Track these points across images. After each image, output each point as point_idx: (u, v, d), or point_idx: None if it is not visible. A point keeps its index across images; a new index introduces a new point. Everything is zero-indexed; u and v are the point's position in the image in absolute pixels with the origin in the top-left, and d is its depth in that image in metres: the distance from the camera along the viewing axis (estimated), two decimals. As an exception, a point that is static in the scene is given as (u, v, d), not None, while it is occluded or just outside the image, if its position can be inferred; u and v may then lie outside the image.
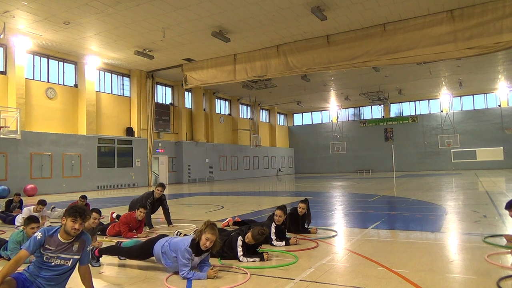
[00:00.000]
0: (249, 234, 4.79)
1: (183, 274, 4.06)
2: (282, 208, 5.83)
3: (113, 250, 4.71)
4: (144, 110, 25.36)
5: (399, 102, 40.14)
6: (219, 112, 34.29)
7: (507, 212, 5.62)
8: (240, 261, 4.69)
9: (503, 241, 5.46)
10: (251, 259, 4.71)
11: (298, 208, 6.56)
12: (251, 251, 4.86)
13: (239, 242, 4.78)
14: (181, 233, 5.97)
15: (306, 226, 6.67)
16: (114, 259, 4.88)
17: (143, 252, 4.37)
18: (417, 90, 34.87)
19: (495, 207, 9.40)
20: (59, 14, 15.45)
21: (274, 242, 5.59)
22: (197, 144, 30.20)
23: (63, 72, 21.56)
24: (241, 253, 4.74)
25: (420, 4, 15.06)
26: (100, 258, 4.72)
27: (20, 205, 10.42)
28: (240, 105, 36.87)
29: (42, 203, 7.90)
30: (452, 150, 36.35)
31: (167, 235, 4.73)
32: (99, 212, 5.98)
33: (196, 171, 29.94)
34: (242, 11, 15.55)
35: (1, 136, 16.49)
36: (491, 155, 34.97)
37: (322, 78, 28.52)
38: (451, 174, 28.62)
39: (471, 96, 37.21)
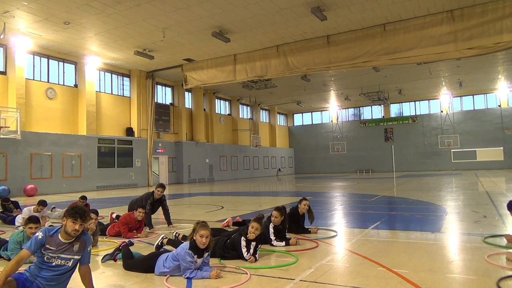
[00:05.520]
0: (250, 229, 4.79)
1: (186, 275, 4.08)
2: (280, 209, 5.76)
3: (126, 256, 4.71)
4: (144, 110, 25.36)
5: (399, 102, 40.14)
6: (219, 112, 34.29)
7: (507, 212, 5.62)
8: (246, 259, 4.71)
9: (503, 241, 5.46)
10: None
11: (300, 206, 6.57)
12: (253, 249, 4.87)
13: (243, 243, 4.79)
14: (179, 234, 5.98)
15: (306, 227, 6.64)
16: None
17: (144, 266, 4.38)
18: (417, 90, 34.88)
19: (495, 207, 9.40)
20: (59, 14, 15.45)
21: (274, 243, 5.58)
22: (197, 144, 30.20)
23: (63, 72, 21.56)
24: (246, 253, 4.76)
25: (420, 4, 15.06)
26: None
27: (17, 206, 10.37)
28: (240, 105, 36.87)
29: (43, 203, 7.83)
30: (452, 150, 36.36)
31: (168, 250, 4.76)
32: (96, 213, 5.99)
33: (196, 171, 29.93)
34: (242, 11, 15.55)
35: (1, 136, 16.50)
36: (491, 155, 34.97)
37: (322, 78, 28.52)
38: (451, 175, 28.62)
39: (471, 96, 37.20)
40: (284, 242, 5.60)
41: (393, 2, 14.98)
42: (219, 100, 34.43)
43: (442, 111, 38.17)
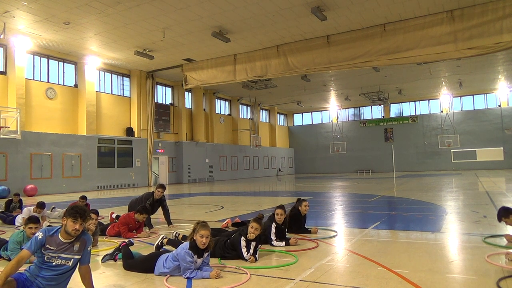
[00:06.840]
0: (250, 229, 4.79)
1: (186, 275, 4.08)
2: (282, 207, 5.84)
3: (126, 256, 4.71)
4: (144, 110, 25.36)
5: (399, 102, 40.15)
6: (219, 112, 34.29)
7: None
8: (246, 259, 4.72)
9: (503, 241, 5.47)
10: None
11: (302, 207, 6.59)
12: (253, 250, 4.87)
13: (243, 243, 4.80)
14: (179, 234, 5.97)
15: (306, 227, 6.68)
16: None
17: (144, 266, 4.39)
18: (417, 90, 34.87)
19: (495, 207, 9.39)
20: (59, 14, 15.45)
21: (274, 243, 5.59)
22: (197, 144, 30.20)
23: (63, 72, 21.56)
24: (246, 253, 4.76)
25: (420, 4, 15.07)
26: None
27: (20, 205, 10.42)
28: (240, 105, 36.87)
29: (41, 206, 7.82)
30: (452, 150, 36.36)
31: (168, 250, 4.76)
32: (96, 213, 5.99)
33: (196, 171, 29.93)
34: (242, 11, 15.55)
35: (1, 136, 16.50)
36: (491, 155, 34.97)
37: (322, 78, 28.52)
38: (451, 175, 28.62)
39: (471, 96, 37.21)
40: (284, 242, 5.60)
41: (393, 2, 14.98)
42: (219, 100, 34.43)
43: (442, 111, 38.17)
